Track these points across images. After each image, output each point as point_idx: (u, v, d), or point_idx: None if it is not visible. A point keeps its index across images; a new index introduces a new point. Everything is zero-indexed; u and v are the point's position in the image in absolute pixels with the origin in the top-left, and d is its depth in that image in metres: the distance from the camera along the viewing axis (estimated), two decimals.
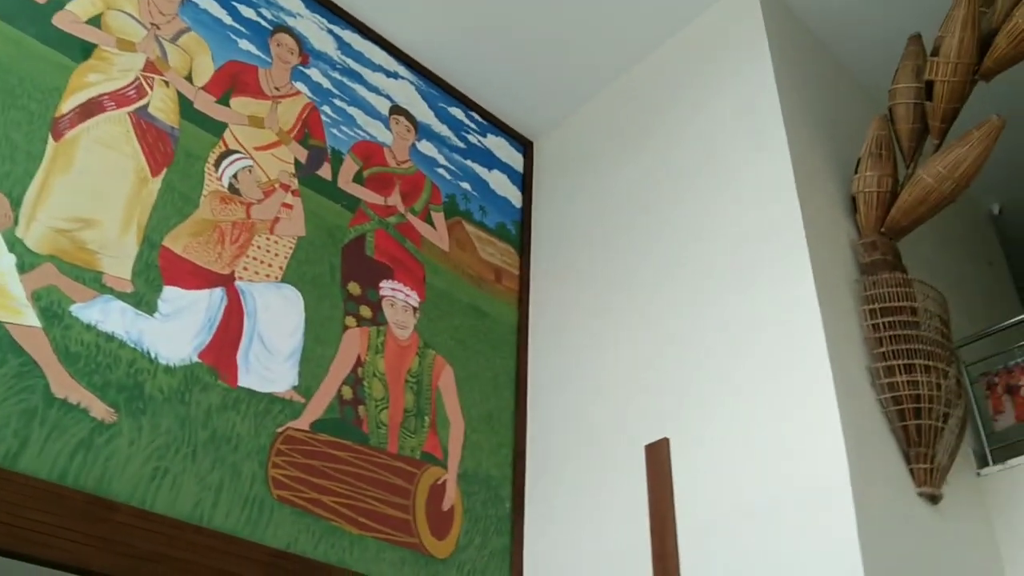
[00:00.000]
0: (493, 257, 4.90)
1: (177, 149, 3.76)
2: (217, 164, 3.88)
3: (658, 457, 3.78)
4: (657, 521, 3.64)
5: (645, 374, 4.09)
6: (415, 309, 4.33)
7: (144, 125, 3.70)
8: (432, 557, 3.82)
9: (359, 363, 3.96)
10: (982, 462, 4.04)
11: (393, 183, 4.60)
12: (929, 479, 3.49)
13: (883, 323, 3.72)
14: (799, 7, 4.86)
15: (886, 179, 4.08)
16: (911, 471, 3.51)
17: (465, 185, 4.99)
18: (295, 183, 4.14)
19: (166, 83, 3.85)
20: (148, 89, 3.78)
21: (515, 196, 5.28)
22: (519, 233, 5.16)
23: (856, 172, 4.16)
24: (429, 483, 3.98)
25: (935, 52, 3.95)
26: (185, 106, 3.88)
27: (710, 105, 4.53)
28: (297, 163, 4.20)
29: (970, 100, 4.01)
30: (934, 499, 3.50)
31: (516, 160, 5.42)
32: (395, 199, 4.56)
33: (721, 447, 3.60)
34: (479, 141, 5.24)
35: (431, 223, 4.68)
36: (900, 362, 3.62)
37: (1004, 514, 3.86)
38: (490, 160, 5.25)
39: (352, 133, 4.52)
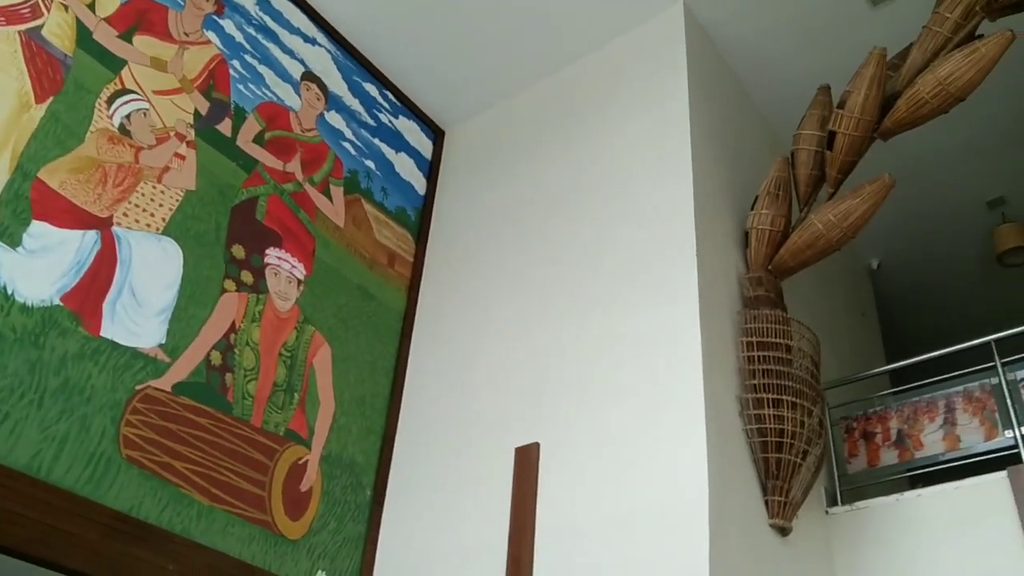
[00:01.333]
0: (389, 240, 4.80)
1: (68, 78, 3.53)
2: (110, 102, 3.66)
3: (527, 460, 3.77)
4: (517, 524, 3.62)
5: (525, 377, 4.08)
6: (300, 282, 4.20)
7: (34, 47, 3.45)
8: (283, 537, 3.70)
9: (233, 329, 3.80)
10: (832, 501, 4.21)
11: (295, 149, 4.45)
12: (782, 511, 3.60)
13: (758, 356, 3.83)
14: (721, 42, 4.97)
15: (780, 219, 4.20)
16: (766, 502, 3.62)
17: (369, 163, 4.88)
18: (191, 134, 3.95)
19: (65, 7, 3.61)
20: (44, 10, 3.54)
21: (419, 183, 5.20)
22: (419, 220, 5.08)
23: (753, 208, 4.28)
24: (290, 461, 3.85)
25: (841, 105, 4.09)
26: (83, 35, 3.65)
27: (623, 123, 4.58)
28: (197, 114, 4.01)
29: (866, 156, 4.17)
30: (784, 531, 3.62)
31: (425, 147, 5.35)
32: (294, 166, 4.41)
33: (590, 457, 3.62)
34: (390, 121, 5.14)
35: (329, 196, 4.55)
36: (770, 396, 3.73)
37: (846, 553, 4.02)
38: (399, 142, 5.15)
39: (259, 92, 4.35)
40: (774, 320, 3.94)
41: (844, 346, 5.41)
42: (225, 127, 4.12)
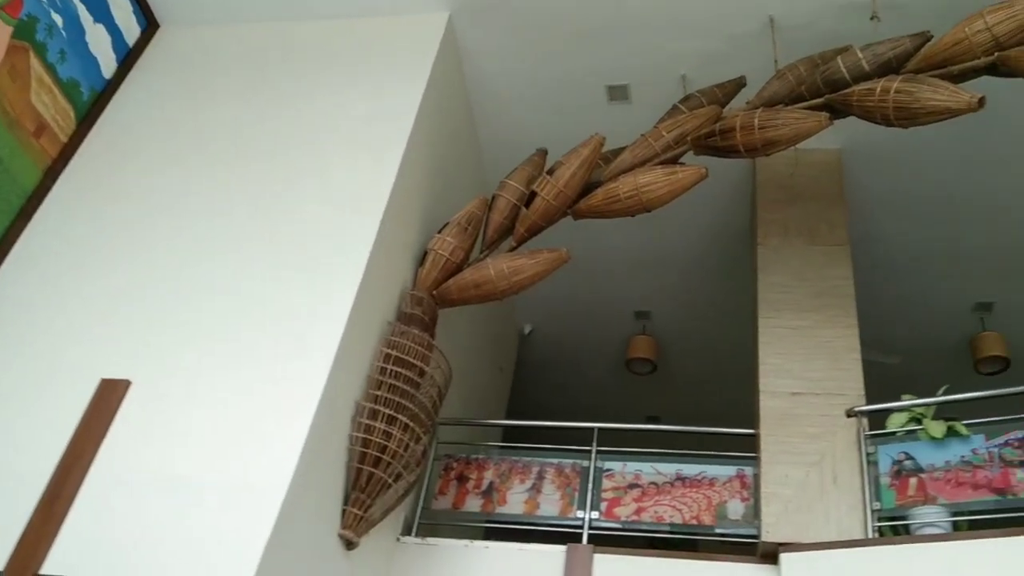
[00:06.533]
0: (46, 109, 4.12)
1: None
2: None
3: (110, 396, 3.36)
4: (72, 458, 3.19)
5: (142, 311, 3.68)
6: None
7: None
8: None
9: None
10: (407, 531, 4.22)
11: None
12: (355, 525, 3.52)
13: (391, 370, 3.78)
14: (470, 70, 5.04)
15: (460, 251, 4.24)
16: (343, 512, 3.52)
17: (57, 19, 4.18)
18: None
19: None
20: None
21: (109, 65, 4.56)
22: (92, 103, 4.43)
23: (440, 232, 4.28)
24: None
25: (550, 172, 4.27)
26: None
27: (349, 99, 4.43)
28: None
29: (555, 228, 4.34)
30: (350, 545, 3.54)
31: (131, 32, 4.73)
32: None
33: (183, 412, 3.33)
34: None
35: None
36: (387, 411, 3.67)
37: None
38: (102, 14, 4.49)
39: None
40: (419, 342, 3.93)
41: (474, 391, 5.57)
42: None
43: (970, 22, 3.62)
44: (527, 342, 7.17)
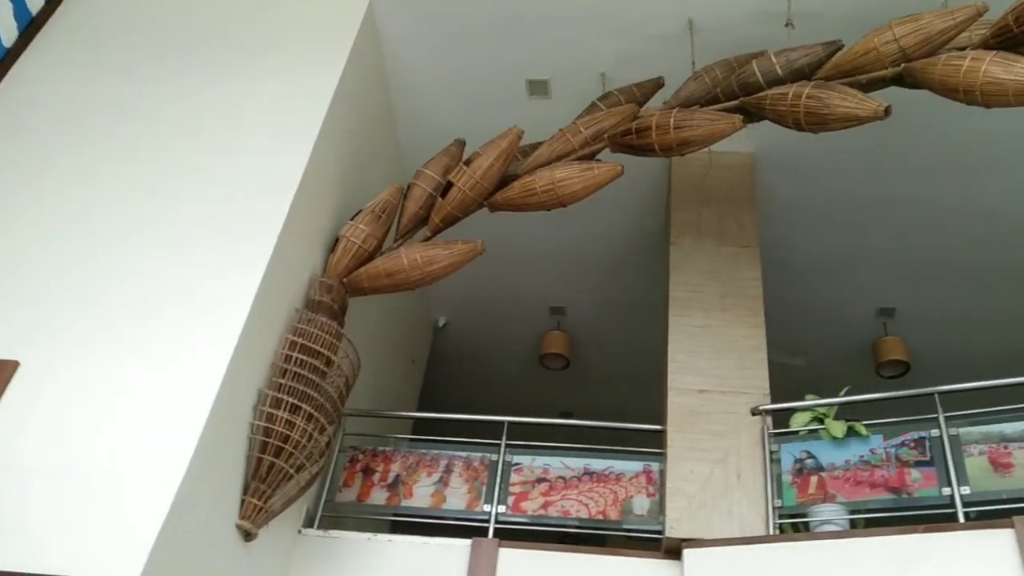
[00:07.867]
0: None
1: None
2: None
3: None
4: None
5: (34, 291, 3.51)
6: None
7: None
8: None
9: None
10: (309, 523, 4.12)
11: None
12: (254, 516, 3.42)
13: (297, 358, 3.69)
14: (391, 56, 4.97)
15: (373, 240, 4.17)
16: (242, 501, 3.42)
17: None
18: None
19: None
20: None
21: (9, 34, 4.32)
22: None
23: (353, 219, 4.20)
24: None
25: (467, 163, 4.23)
26: None
27: (263, 76, 4.31)
28: None
29: (469, 222, 4.30)
30: (248, 536, 3.43)
31: (35, 0, 4.51)
32: None
33: (74, 396, 3.17)
34: None
35: None
36: (291, 399, 3.58)
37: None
38: None
39: None
40: (327, 330, 3.84)
41: (385, 383, 5.49)
42: None
43: (879, 33, 3.71)
44: (441, 335, 7.12)
